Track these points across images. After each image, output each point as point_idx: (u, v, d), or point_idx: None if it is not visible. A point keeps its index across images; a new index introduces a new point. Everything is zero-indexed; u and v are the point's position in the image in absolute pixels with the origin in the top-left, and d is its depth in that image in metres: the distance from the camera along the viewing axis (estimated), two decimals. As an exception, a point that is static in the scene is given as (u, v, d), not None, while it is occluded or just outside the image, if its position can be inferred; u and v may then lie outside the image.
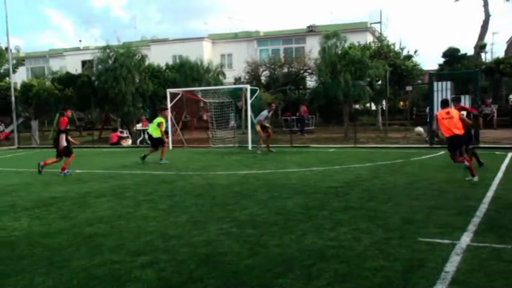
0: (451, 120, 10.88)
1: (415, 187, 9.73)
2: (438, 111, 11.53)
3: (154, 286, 4.80)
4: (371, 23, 42.80)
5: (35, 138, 28.40)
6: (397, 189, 9.61)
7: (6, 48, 32.75)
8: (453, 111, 11.23)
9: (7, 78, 32.51)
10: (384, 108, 29.15)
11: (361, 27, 40.56)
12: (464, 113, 12.29)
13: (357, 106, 32.11)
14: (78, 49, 50.14)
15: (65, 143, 14.28)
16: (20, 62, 40.56)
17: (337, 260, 5.34)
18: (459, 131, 10.80)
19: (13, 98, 28.18)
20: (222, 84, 30.71)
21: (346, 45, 24.38)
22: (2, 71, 36.71)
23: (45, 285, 4.89)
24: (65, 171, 13.83)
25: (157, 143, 16.17)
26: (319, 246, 5.85)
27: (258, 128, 18.63)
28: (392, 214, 7.40)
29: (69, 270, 5.31)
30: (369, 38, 37.20)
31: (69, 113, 15.58)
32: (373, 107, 34.13)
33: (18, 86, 31.14)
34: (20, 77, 38.70)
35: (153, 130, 16.19)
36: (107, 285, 4.83)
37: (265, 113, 18.88)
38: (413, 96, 33.86)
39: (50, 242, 6.46)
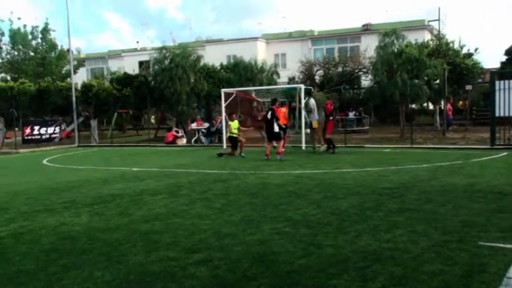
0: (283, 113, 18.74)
1: (476, 189, 9.41)
2: (276, 107, 17.18)
3: (208, 283, 4.85)
4: (429, 21, 41.75)
5: (94, 137, 29.32)
6: (456, 191, 9.32)
7: (68, 50, 33.94)
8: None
9: (68, 79, 33.67)
10: (442, 108, 28.38)
11: (419, 25, 39.69)
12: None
13: (414, 106, 31.42)
14: (135, 50, 51.44)
15: (277, 129, 16.35)
16: (80, 63, 41.97)
17: (392, 262, 5.23)
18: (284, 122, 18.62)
19: (74, 98, 29.19)
20: (276, 84, 30.75)
21: (404, 43, 23.91)
22: (63, 71, 38.07)
23: (104, 279, 5.03)
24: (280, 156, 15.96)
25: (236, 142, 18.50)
26: (374, 248, 5.75)
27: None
28: (451, 217, 7.18)
29: (127, 265, 5.44)
30: (426, 36, 36.32)
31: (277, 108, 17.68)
32: (431, 107, 33.31)
33: (79, 86, 32.20)
34: (80, 78, 40.04)
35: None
36: (162, 281, 4.92)
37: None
38: (473, 95, 32.84)
39: (109, 237, 6.65)
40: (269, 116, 16.54)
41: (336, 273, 4.96)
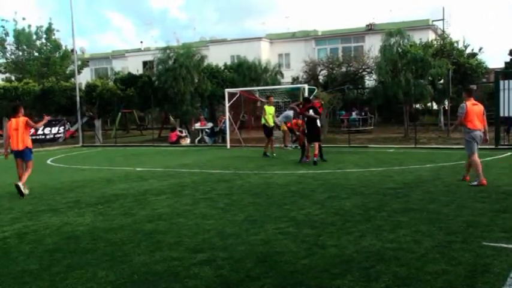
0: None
1: (479, 189, 9.39)
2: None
3: (212, 283, 4.85)
4: (433, 20, 41.70)
5: (98, 137, 29.37)
6: (460, 191, 9.31)
7: (72, 50, 34.01)
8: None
9: (72, 79, 33.74)
10: (446, 108, 28.33)
11: (423, 25, 39.63)
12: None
13: (418, 106, 31.36)
14: (139, 50, 51.47)
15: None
16: (84, 63, 42.00)
17: (396, 262, 5.23)
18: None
19: (78, 98, 29.24)
20: (279, 83, 30.77)
21: (408, 43, 23.89)
22: (68, 72, 38.14)
23: (108, 279, 5.03)
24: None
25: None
26: (377, 248, 5.74)
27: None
28: (454, 217, 7.17)
29: (130, 265, 5.45)
30: (430, 36, 36.24)
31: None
32: (435, 107, 33.25)
33: (83, 86, 32.27)
34: (84, 78, 40.11)
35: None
36: (166, 281, 4.92)
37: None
38: (478, 95, 32.73)
39: (112, 237, 6.66)
40: (312, 113, 14.56)
41: (340, 274, 4.95)
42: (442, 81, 25.86)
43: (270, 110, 17.36)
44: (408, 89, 22.89)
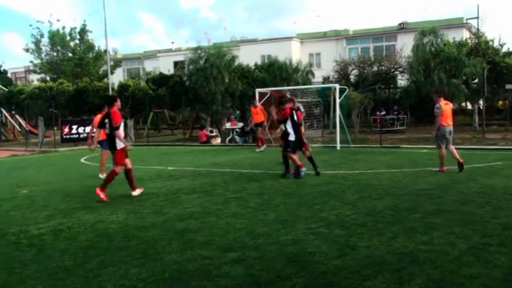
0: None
1: (516, 191, 9.17)
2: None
3: (242, 282, 4.86)
4: (467, 19, 40.94)
5: (130, 136, 29.73)
6: (496, 193, 9.09)
7: (105, 51, 34.55)
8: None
9: (105, 79, 34.27)
10: (481, 108, 27.77)
11: (457, 23, 38.95)
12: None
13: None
14: (170, 50, 51.98)
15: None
16: (117, 63, 42.62)
17: (430, 264, 5.14)
18: None
19: (111, 98, 29.67)
20: (310, 83, 30.65)
21: (442, 42, 23.52)
22: (101, 72, 38.78)
23: (140, 277, 5.09)
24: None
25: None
26: (410, 250, 5.66)
27: None
28: (490, 219, 7.01)
29: (162, 263, 5.50)
30: (465, 34, 35.61)
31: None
32: (469, 107, 32.63)
33: (116, 86, 32.73)
34: (117, 78, 40.69)
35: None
36: (197, 280, 4.95)
37: None
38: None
39: (144, 235, 6.73)
40: (296, 118, 12.21)
41: (371, 275, 4.90)
42: (476, 80, 25.37)
43: None
44: (441, 88, 22.52)
